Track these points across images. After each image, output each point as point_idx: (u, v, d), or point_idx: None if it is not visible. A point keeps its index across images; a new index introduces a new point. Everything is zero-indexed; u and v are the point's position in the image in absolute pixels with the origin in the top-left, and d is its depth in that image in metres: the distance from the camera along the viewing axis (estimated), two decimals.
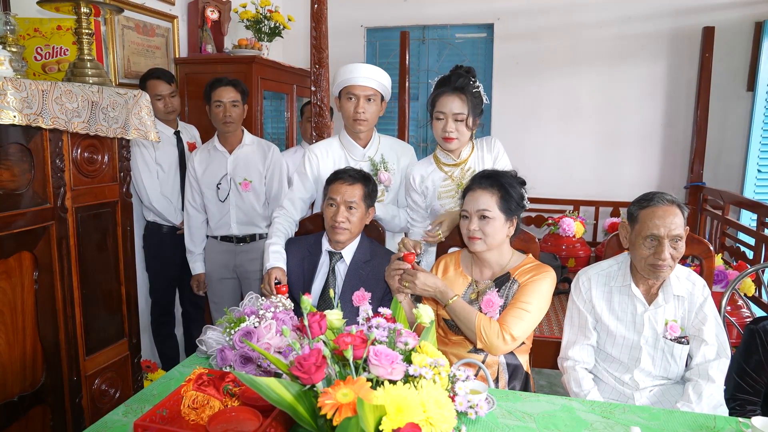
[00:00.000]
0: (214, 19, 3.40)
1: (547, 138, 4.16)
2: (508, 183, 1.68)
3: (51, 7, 1.82)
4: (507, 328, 1.60)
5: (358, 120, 2.05)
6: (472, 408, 1.18)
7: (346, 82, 2.05)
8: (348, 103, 2.05)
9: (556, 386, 3.13)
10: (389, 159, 2.14)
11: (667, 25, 3.92)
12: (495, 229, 1.66)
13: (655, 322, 1.65)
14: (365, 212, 1.90)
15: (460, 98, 1.90)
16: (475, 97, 1.93)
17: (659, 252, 1.57)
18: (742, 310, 2.49)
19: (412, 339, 1.09)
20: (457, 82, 1.91)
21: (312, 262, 1.92)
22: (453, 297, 1.63)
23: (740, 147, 3.90)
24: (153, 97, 2.71)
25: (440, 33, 4.38)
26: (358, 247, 1.92)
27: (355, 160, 2.13)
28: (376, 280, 1.84)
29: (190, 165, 2.68)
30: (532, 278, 1.67)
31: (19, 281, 1.59)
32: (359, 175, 1.89)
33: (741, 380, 1.68)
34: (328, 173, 2.03)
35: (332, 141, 2.19)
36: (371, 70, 2.06)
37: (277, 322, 1.43)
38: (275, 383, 0.96)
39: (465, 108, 1.90)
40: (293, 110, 3.74)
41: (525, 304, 1.63)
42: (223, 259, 2.73)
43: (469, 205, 1.68)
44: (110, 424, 1.27)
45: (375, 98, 2.06)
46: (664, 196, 1.60)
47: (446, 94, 1.92)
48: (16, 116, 1.45)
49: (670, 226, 1.56)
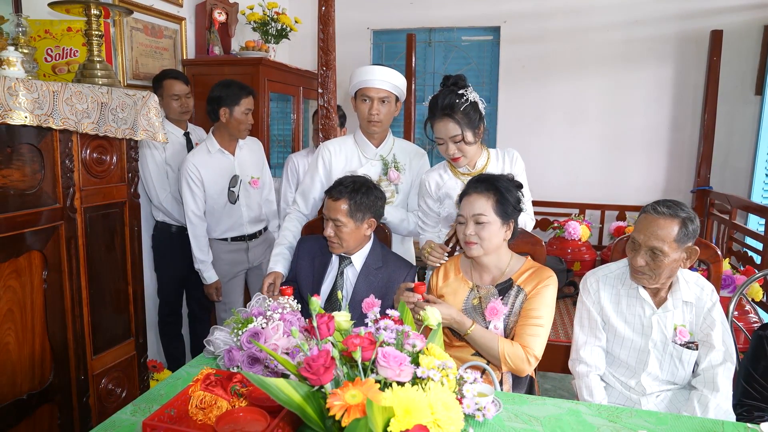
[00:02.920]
0: (222, 21, 3.42)
1: (554, 141, 4.16)
2: (503, 187, 1.67)
3: (62, 9, 1.84)
4: (530, 351, 1.61)
5: (372, 121, 2.09)
6: (479, 410, 1.18)
7: (361, 84, 2.08)
8: (363, 105, 2.09)
9: (561, 390, 3.12)
10: (401, 160, 2.17)
11: (674, 28, 3.90)
12: (491, 234, 1.65)
13: (664, 326, 1.64)
14: (356, 225, 1.83)
15: (451, 120, 1.87)
16: (466, 112, 1.87)
17: (634, 257, 1.60)
18: (749, 315, 2.48)
19: (419, 341, 1.09)
20: (444, 103, 1.87)
21: (323, 263, 1.92)
22: (471, 326, 1.61)
23: (748, 151, 3.88)
24: (169, 96, 2.73)
25: (446, 36, 4.38)
26: (370, 253, 1.90)
27: (367, 158, 2.16)
28: (386, 288, 1.82)
29: (192, 173, 2.57)
30: (538, 288, 1.67)
31: (28, 280, 1.60)
32: (347, 190, 1.82)
33: (749, 386, 1.67)
34: (340, 169, 2.08)
35: (347, 139, 2.23)
36: (386, 72, 2.07)
37: (285, 324, 1.44)
38: (284, 384, 0.96)
39: (458, 128, 1.87)
40: (300, 112, 3.75)
41: (538, 320, 1.64)
42: (233, 258, 2.75)
43: (465, 210, 1.68)
44: (118, 423, 1.27)
45: (389, 100, 2.09)
46: (663, 207, 1.57)
47: (437, 119, 1.90)
48: (27, 117, 1.46)
49: (651, 236, 1.55)
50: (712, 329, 1.62)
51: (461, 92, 1.87)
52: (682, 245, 1.56)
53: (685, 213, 1.56)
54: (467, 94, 1.88)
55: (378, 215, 1.89)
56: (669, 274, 1.60)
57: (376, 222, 1.89)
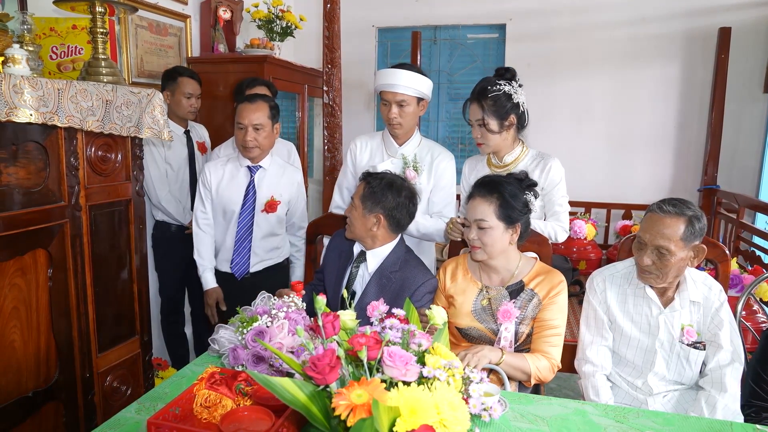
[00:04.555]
0: (227, 19, 3.42)
1: (559, 140, 4.13)
2: (508, 191, 1.63)
3: (67, 6, 1.84)
4: (554, 360, 1.65)
5: (392, 125, 2.16)
6: (485, 410, 1.17)
7: (380, 87, 2.13)
8: (384, 108, 2.16)
9: (566, 389, 3.11)
10: (422, 160, 2.20)
11: (681, 25, 3.87)
12: (494, 239, 1.64)
13: (671, 325, 1.63)
14: (363, 213, 1.78)
15: (479, 105, 1.99)
16: (495, 98, 1.96)
17: (640, 257, 1.59)
18: (757, 315, 2.46)
19: (425, 340, 1.08)
20: (478, 87, 2.00)
21: (347, 258, 1.90)
22: (501, 357, 1.58)
23: (756, 150, 3.85)
24: (182, 94, 2.72)
25: (452, 33, 4.37)
26: (389, 255, 1.83)
27: (389, 155, 2.23)
28: (398, 293, 1.76)
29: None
30: (552, 297, 1.67)
31: (33, 278, 1.61)
32: (376, 177, 1.81)
33: (757, 386, 1.66)
34: (364, 162, 2.19)
35: (376, 134, 2.33)
36: (405, 76, 2.07)
37: (290, 322, 1.43)
38: (289, 383, 0.96)
39: (482, 113, 1.98)
40: (305, 110, 3.75)
41: (556, 329, 1.66)
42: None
43: (469, 214, 1.68)
44: (123, 422, 1.27)
45: (409, 102, 2.11)
46: (669, 206, 1.56)
47: (469, 101, 2.04)
48: (32, 114, 1.46)
49: (657, 235, 1.54)
50: (720, 329, 1.60)
51: (500, 82, 1.97)
52: (689, 244, 1.54)
53: (692, 211, 1.54)
54: (503, 85, 1.97)
55: (391, 217, 1.79)
56: (676, 274, 1.59)
57: (383, 221, 1.78)
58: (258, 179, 2.34)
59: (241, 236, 2.35)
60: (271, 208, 2.34)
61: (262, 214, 2.34)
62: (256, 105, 2.24)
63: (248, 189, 2.33)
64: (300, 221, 2.51)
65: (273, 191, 2.36)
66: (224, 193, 2.33)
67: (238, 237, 2.36)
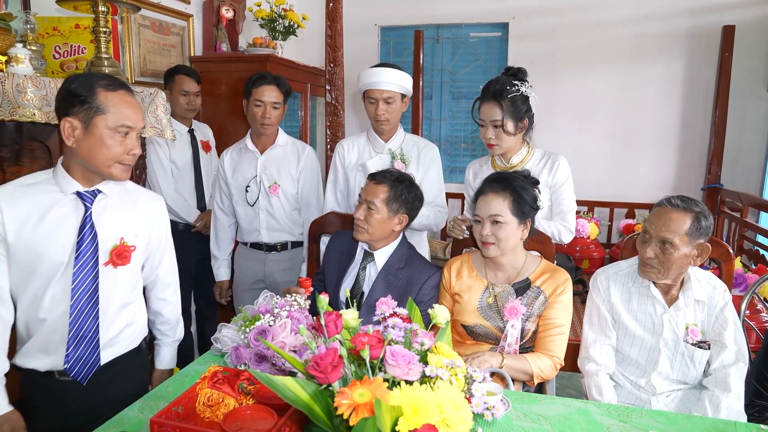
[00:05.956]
0: (229, 18, 3.42)
1: (562, 138, 4.12)
2: (520, 186, 1.65)
3: (70, 6, 1.84)
4: (556, 358, 1.66)
5: (380, 121, 2.19)
6: (488, 410, 1.17)
7: (366, 86, 2.16)
8: (370, 106, 2.20)
9: (569, 388, 3.10)
10: (408, 152, 2.24)
11: (685, 23, 3.86)
12: (508, 234, 1.64)
13: (675, 324, 1.62)
14: (389, 216, 1.78)
15: (496, 104, 1.93)
16: (513, 100, 1.93)
17: (644, 249, 1.59)
18: (761, 315, 2.45)
19: (428, 339, 1.08)
20: (495, 87, 1.95)
21: (349, 258, 1.90)
22: (502, 362, 1.60)
23: (760, 148, 3.83)
24: (179, 92, 2.73)
25: (454, 32, 4.36)
26: (395, 252, 1.84)
27: (377, 151, 2.26)
28: (405, 290, 1.77)
29: (220, 166, 2.52)
30: (557, 296, 1.67)
31: None
32: (392, 177, 1.80)
33: (760, 386, 1.65)
34: (353, 162, 2.23)
35: (361, 134, 2.37)
36: (389, 74, 2.13)
37: (292, 321, 1.43)
38: (292, 382, 0.96)
39: (500, 114, 1.93)
40: (307, 109, 3.75)
41: (560, 327, 1.67)
42: (252, 267, 2.55)
43: (481, 210, 1.67)
44: (126, 420, 1.27)
45: (395, 99, 2.16)
46: (678, 200, 1.57)
47: (484, 101, 1.98)
48: (35, 113, 1.47)
49: (662, 227, 1.55)
50: (724, 329, 1.59)
51: (516, 83, 1.95)
52: (694, 240, 1.54)
53: (699, 209, 1.55)
54: (521, 86, 1.96)
55: (411, 215, 1.84)
56: (678, 271, 1.58)
57: (407, 220, 1.83)
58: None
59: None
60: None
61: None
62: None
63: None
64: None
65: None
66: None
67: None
